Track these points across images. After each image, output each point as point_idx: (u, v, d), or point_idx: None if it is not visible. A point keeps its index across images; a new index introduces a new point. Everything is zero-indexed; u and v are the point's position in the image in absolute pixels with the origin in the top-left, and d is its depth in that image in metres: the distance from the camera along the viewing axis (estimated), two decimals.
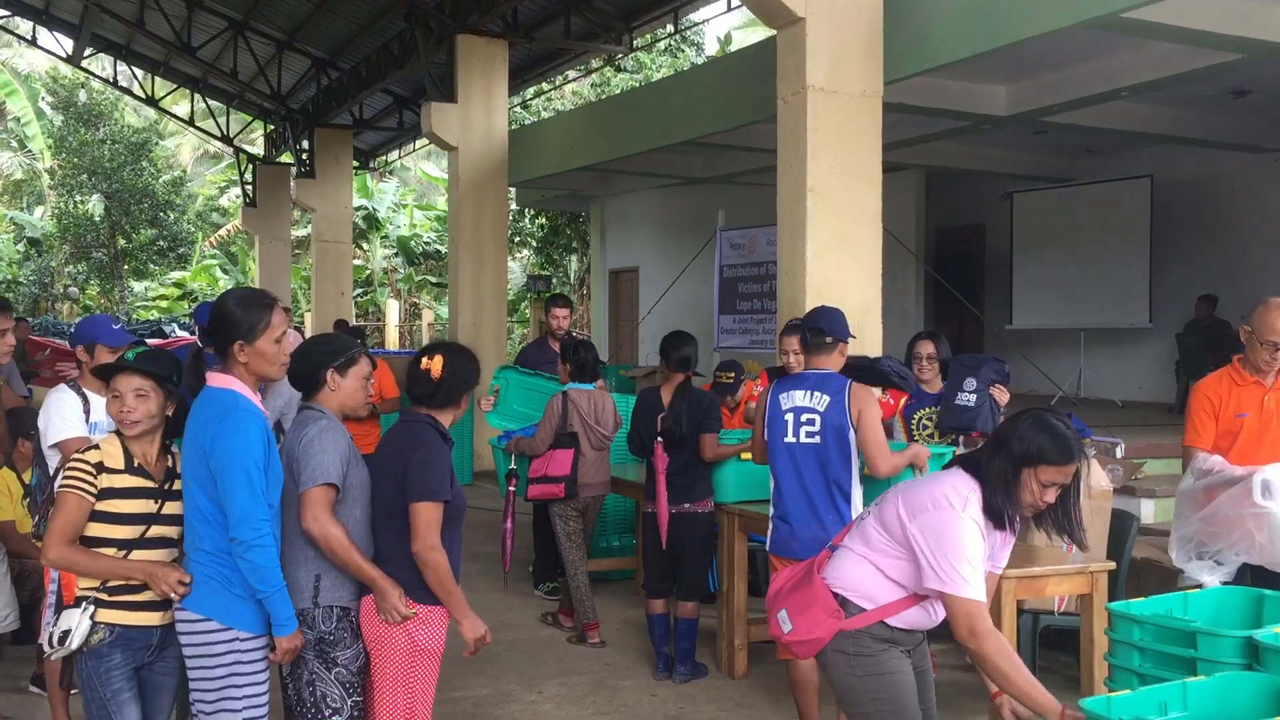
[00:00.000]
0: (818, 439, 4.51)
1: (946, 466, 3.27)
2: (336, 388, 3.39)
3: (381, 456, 3.42)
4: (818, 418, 4.50)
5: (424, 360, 3.47)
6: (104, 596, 3.19)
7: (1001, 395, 5.57)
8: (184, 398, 3.35)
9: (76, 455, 3.24)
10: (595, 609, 6.20)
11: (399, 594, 3.26)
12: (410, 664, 3.33)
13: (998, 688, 3.01)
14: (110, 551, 3.19)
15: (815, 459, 4.51)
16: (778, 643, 3.33)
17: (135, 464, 3.24)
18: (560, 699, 5.34)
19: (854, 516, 4.28)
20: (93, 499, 3.17)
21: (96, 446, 3.25)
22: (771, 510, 4.72)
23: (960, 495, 2.96)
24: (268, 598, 3.11)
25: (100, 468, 3.20)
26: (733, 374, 7.04)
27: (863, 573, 3.09)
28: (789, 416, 4.58)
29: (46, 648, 3.25)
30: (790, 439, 4.57)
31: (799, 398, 4.57)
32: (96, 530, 3.19)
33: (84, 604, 3.16)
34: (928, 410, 5.82)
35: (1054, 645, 5.94)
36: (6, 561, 5.06)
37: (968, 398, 5.50)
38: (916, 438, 5.74)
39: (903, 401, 5.91)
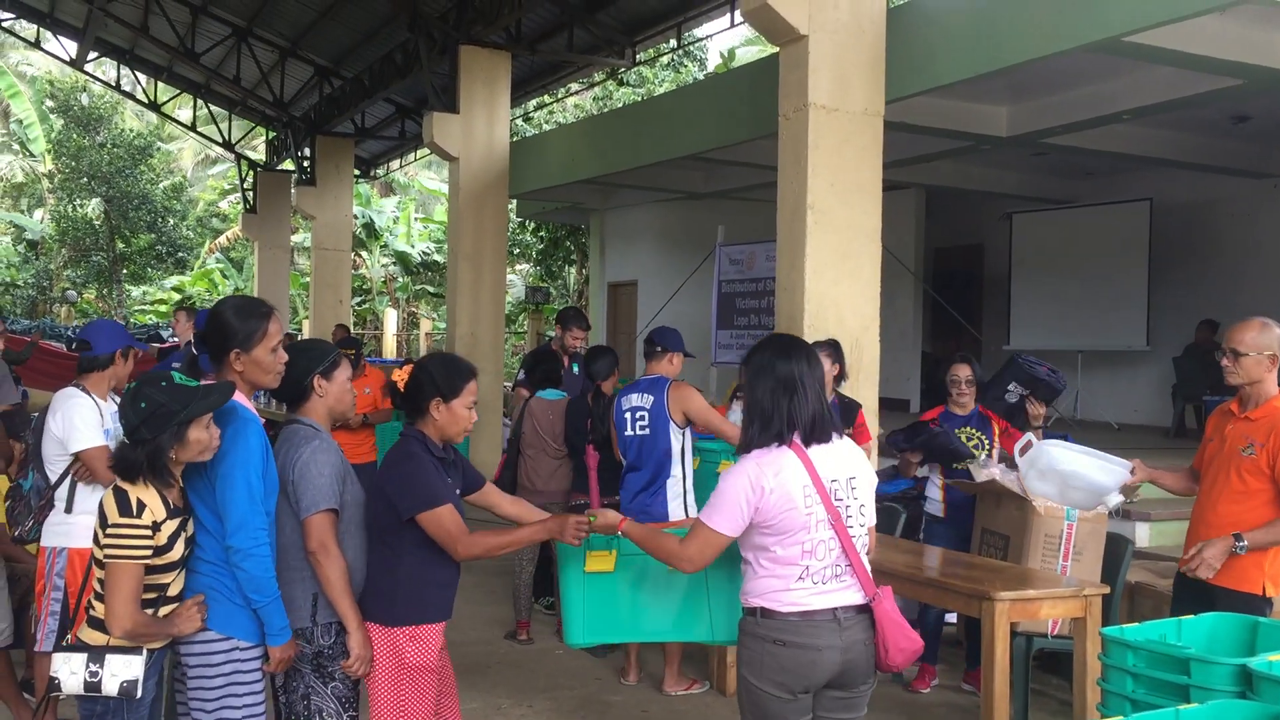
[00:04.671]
0: (647, 430, 5.45)
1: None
2: (325, 393, 3.38)
3: (375, 477, 3.42)
4: (646, 413, 5.47)
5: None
6: None
7: (1035, 409, 5.96)
8: None
9: (126, 523, 2.96)
10: (528, 609, 6.67)
11: (364, 646, 3.25)
12: (399, 680, 3.31)
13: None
14: (154, 596, 3.05)
15: (645, 447, 5.45)
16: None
17: (172, 505, 3.06)
18: (550, 713, 5.32)
19: (670, 497, 5.35)
20: (150, 558, 3.00)
21: (144, 505, 2.98)
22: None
23: None
24: (262, 607, 3.09)
25: (155, 527, 2.99)
26: None
27: None
28: (627, 415, 5.52)
29: (80, 690, 2.99)
30: (630, 432, 5.52)
31: (634, 400, 5.52)
32: (154, 579, 3.03)
33: (142, 648, 3.02)
34: (967, 429, 5.94)
35: (1047, 668, 5.93)
36: (5, 572, 4.93)
37: (1010, 395, 6.08)
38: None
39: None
